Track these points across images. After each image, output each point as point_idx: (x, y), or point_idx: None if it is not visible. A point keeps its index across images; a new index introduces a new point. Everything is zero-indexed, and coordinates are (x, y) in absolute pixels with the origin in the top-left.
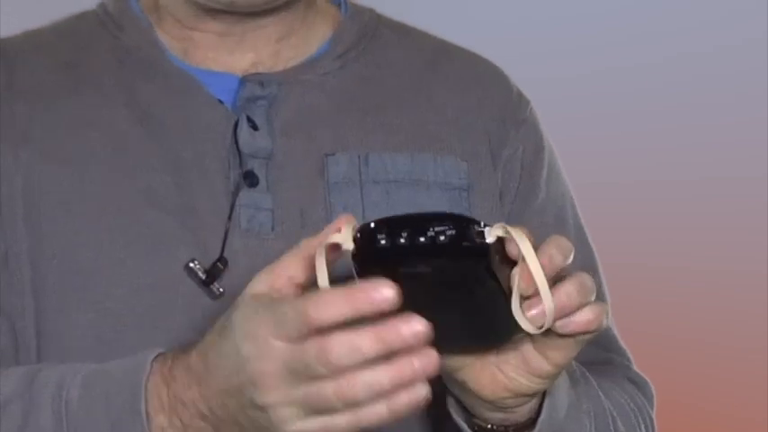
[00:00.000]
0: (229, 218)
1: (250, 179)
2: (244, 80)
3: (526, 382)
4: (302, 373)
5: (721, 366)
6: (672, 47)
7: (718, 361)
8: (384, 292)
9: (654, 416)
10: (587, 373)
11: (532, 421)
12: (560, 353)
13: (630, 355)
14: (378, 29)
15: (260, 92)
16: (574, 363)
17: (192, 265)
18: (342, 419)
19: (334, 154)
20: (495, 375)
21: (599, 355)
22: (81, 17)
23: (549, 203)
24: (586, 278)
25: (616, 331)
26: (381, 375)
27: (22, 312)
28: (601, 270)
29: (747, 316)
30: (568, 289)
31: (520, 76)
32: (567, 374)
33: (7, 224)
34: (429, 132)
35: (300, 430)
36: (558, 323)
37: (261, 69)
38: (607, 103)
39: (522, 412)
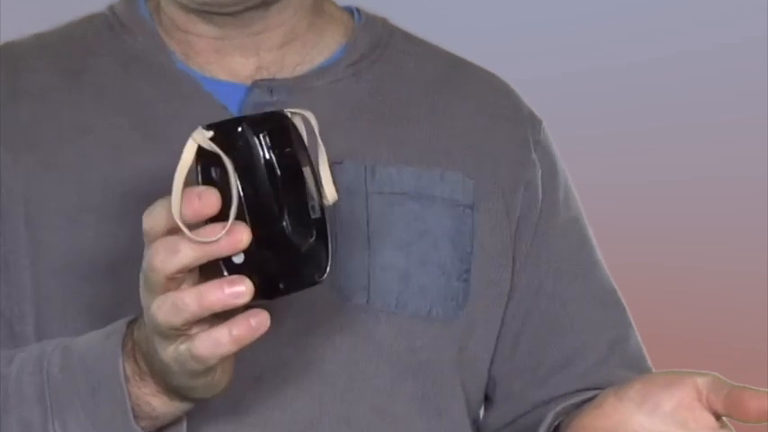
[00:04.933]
0: None
1: None
2: (253, 86)
3: None
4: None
5: (721, 366)
6: (671, 45)
7: (719, 361)
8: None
9: None
10: None
11: None
12: None
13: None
14: (391, 38)
15: (268, 98)
16: None
17: None
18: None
19: (341, 162)
20: None
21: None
22: (89, 20)
23: (569, 224)
24: None
25: (644, 351)
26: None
27: (23, 318)
28: (621, 297)
29: (747, 316)
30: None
31: (519, 75)
32: None
33: (8, 229)
34: (438, 147)
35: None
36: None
37: (266, 75)
38: (606, 101)
39: None
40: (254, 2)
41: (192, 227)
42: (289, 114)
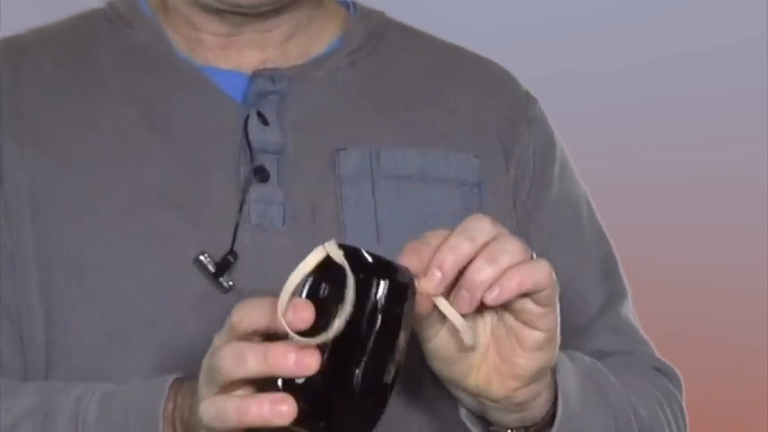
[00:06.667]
0: (239, 213)
1: (260, 174)
2: (255, 75)
3: (526, 361)
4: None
5: (720, 365)
6: (670, 45)
7: (717, 360)
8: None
9: (684, 404)
10: (599, 364)
11: (552, 417)
12: (541, 317)
13: (653, 345)
14: (387, 30)
15: (271, 87)
16: (586, 357)
17: (202, 257)
18: None
19: (345, 149)
20: (498, 367)
21: (621, 346)
22: (88, 15)
23: (563, 199)
24: (498, 245)
25: (638, 324)
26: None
27: (30, 312)
28: (620, 267)
29: (746, 314)
30: (475, 264)
31: (518, 75)
32: (575, 368)
33: (13, 223)
34: (440, 129)
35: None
36: (487, 296)
37: (269, 66)
38: (605, 101)
39: (537, 407)
40: (285, 2)
41: (272, 337)
42: (416, 278)
